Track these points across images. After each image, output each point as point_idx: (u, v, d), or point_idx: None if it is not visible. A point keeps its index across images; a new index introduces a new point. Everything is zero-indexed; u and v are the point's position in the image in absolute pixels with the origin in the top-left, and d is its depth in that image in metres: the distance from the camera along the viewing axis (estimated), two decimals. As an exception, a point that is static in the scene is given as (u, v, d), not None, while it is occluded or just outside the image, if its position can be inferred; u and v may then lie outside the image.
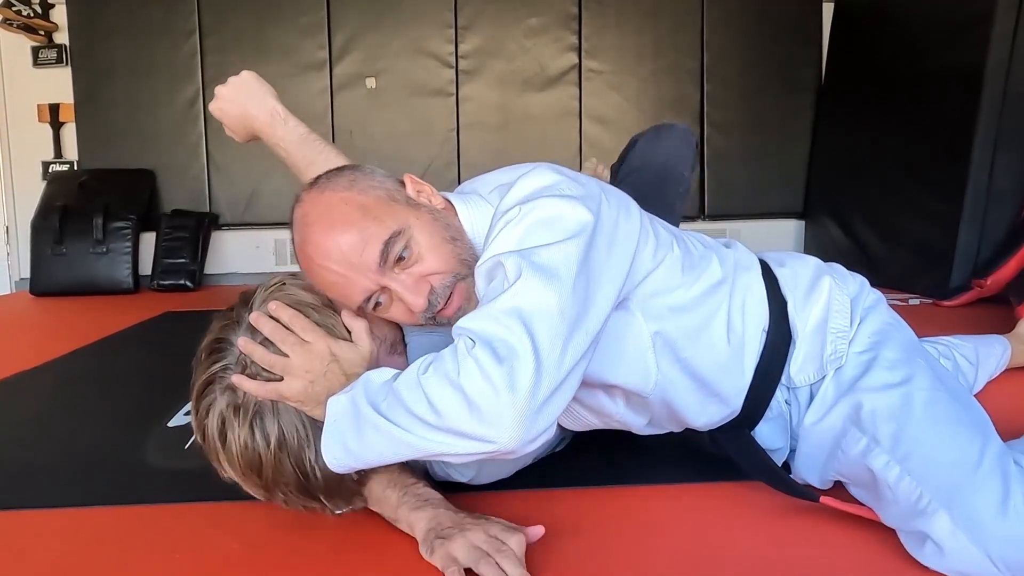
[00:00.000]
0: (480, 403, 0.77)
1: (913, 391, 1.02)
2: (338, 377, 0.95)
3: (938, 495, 0.92)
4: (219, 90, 1.48)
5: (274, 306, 0.97)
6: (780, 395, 1.13)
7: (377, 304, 0.98)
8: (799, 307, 1.12)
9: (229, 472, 0.99)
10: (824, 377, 1.10)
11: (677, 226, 1.56)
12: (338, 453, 0.88)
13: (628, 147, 1.81)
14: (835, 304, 1.13)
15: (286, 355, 0.96)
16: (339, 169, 1.06)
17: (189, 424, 1.65)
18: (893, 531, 1.01)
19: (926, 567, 0.94)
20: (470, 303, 0.98)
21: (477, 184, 1.17)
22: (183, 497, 1.24)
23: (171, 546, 1.09)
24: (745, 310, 1.10)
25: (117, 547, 1.09)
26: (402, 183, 1.05)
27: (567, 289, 0.84)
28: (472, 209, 1.07)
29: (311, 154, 1.40)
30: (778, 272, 1.17)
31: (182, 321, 3.24)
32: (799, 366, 1.11)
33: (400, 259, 0.96)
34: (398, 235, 0.95)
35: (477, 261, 0.95)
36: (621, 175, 1.74)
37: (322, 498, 1.00)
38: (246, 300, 1.03)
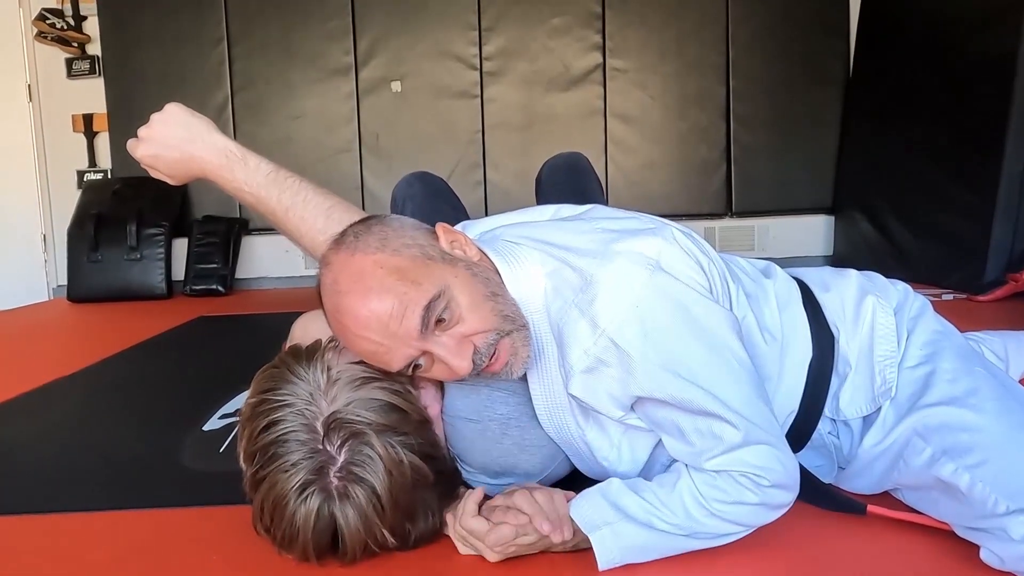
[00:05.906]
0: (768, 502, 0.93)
1: (982, 402, 0.98)
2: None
3: (1016, 499, 0.89)
4: (145, 132, 1.22)
5: (494, 556, 0.97)
6: (823, 427, 1.10)
7: (416, 367, 0.95)
8: (850, 337, 1.09)
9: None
10: (879, 408, 1.07)
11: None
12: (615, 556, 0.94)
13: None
14: (880, 329, 1.09)
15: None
16: (366, 224, 0.99)
17: (223, 427, 1.69)
18: (939, 532, 1.00)
19: (977, 567, 0.93)
20: (516, 357, 0.96)
21: (532, 229, 1.09)
22: (219, 500, 1.26)
23: (208, 548, 1.10)
24: (787, 349, 1.08)
25: (154, 549, 1.12)
26: (434, 234, 1.01)
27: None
28: (516, 269, 1.02)
29: (287, 197, 1.19)
30: (822, 298, 1.13)
31: (215, 325, 3.29)
32: (848, 398, 1.08)
33: (440, 321, 0.91)
34: (438, 298, 0.90)
35: (519, 316, 0.97)
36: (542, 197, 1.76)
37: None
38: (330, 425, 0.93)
